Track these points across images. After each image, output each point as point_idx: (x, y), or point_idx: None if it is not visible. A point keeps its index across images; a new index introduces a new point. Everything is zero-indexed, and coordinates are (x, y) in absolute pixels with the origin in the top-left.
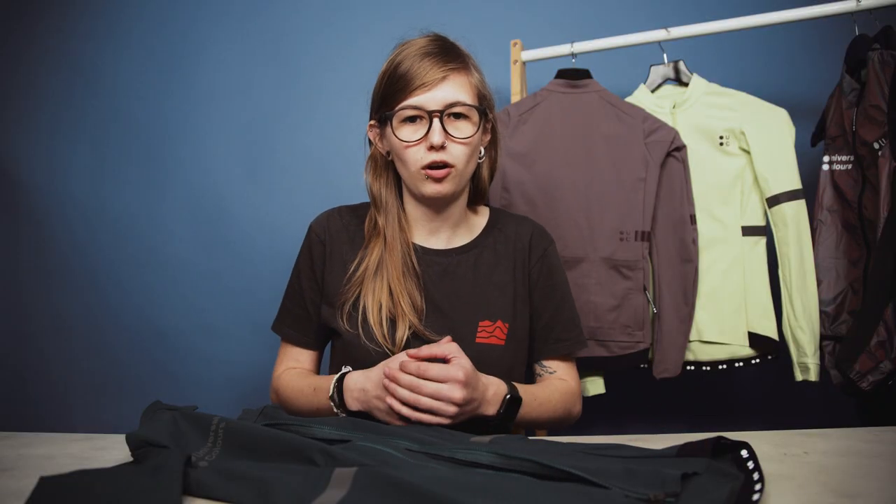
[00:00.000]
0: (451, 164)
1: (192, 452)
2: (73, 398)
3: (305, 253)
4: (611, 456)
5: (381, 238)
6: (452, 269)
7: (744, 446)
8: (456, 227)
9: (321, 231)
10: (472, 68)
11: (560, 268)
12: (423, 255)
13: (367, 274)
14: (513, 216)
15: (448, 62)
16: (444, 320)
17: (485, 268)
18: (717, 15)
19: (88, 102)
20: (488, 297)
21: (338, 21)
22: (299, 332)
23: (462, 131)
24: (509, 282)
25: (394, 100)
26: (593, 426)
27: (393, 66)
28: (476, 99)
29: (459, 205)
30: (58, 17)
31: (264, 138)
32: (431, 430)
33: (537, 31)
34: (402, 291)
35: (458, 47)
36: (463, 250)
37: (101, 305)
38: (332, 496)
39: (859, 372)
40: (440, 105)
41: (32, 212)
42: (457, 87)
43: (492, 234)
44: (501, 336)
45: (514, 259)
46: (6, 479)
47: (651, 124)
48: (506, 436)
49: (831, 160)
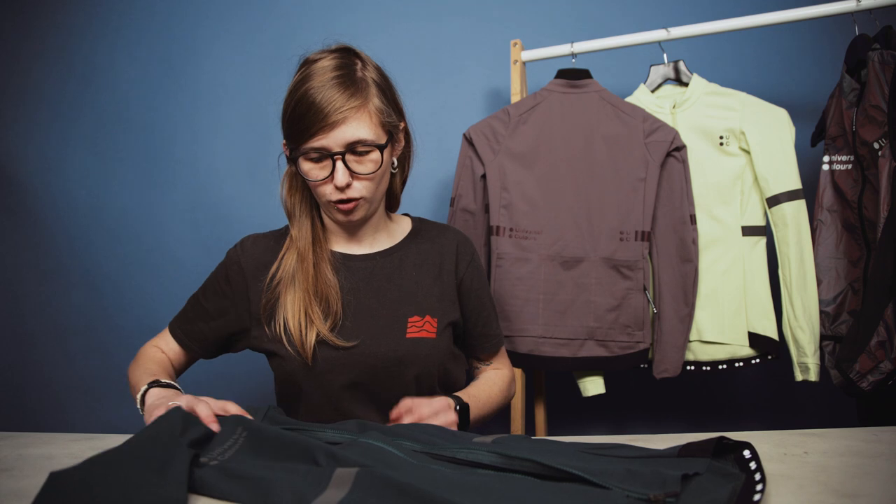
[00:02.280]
0: (357, 198)
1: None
2: (71, 398)
3: (221, 275)
4: (612, 456)
5: (294, 249)
6: (378, 271)
7: (746, 446)
8: (376, 233)
9: (236, 254)
10: (373, 96)
11: (482, 273)
12: (345, 262)
13: (282, 284)
14: (435, 224)
15: (349, 98)
16: (372, 322)
17: (409, 268)
18: (717, 15)
19: (87, 102)
20: (415, 294)
21: (338, 21)
22: (186, 336)
23: (366, 166)
24: (435, 282)
25: (298, 139)
26: (593, 426)
27: (297, 98)
28: (379, 128)
29: (376, 217)
30: (57, 16)
31: (264, 138)
32: (435, 430)
33: (537, 31)
34: (312, 301)
35: (360, 68)
36: (386, 254)
37: (99, 305)
38: (333, 496)
39: (859, 372)
40: (341, 146)
41: (31, 212)
42: (357, 125)
43: (415, 241)
44: (432, 329)
45: (441, 262)
46: (6, 479)
47: (651, 124)
48: (508, 435)
49: (831, 160)
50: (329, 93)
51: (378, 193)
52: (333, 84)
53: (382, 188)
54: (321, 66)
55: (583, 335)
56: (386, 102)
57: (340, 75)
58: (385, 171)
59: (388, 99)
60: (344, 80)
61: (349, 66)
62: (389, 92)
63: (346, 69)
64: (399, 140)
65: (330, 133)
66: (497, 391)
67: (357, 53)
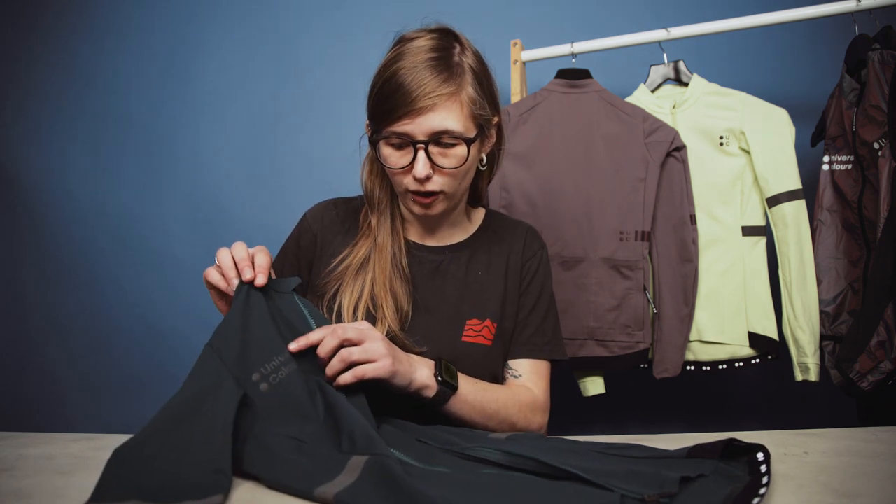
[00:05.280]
0: (437, 192)
1: (259, 366)
2: (71, 398)
3: (294, 239)
4: (621, 456)
5: (371, 238)
6: (444, 267)
7: (760, 449)
8: (453, 228)
9: (314, 221)
10: (467, 84)
11: (548, 274)
12: (416, 252)
13: (348, 271)
14: (509, 219)
15: (442, 83)
16: (430, 318)
17: (476, 266)
18: (717, 15)
19: (87, 102)
20: (478, 295)
21: (338, 20)
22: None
23: (450, 160)
24: (500, 282)
25: (382, 121)
26: (593, 426)
27: (384, 78)
28: (469, 121)
29: (457, 212)
30: (59, 17)
31: (264, 138)
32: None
33: (537, 31)
34: (387, 295)
35: (458, 53)
36: (456, 248)
37: (99, 305)
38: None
39: (859, 372)
40: (426, 135)
41: (31, 212)
42: (446, 114)
43: (486, 235)
44: (489, 336)
45: (508, 260)
46: (6, 479)
47: (651, 124)
48: (523, 434)
49: (831, 160)
50: (420, 75)
51: (460, 190)
52: (426, 66)
53: (465, 184)
54: (416, 45)
55: (583, 335)
56: (481, 93)
57: (435, 58)
58: (470, 168)
59: (483, 89)
60: (438, 64)
61: (446, 48)
62: (486, 82)
63: (442, 52)
64: (490, 136)
65: (416, 119)
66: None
67: (457, 36)
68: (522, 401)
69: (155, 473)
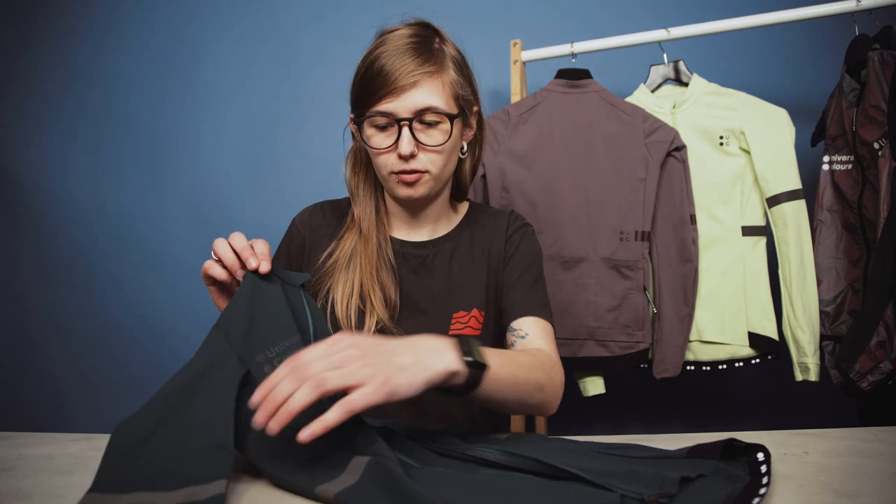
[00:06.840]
0: (422, 171)
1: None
2: (71, 398)
3: (285, 244)
4: (621, 456)
5: (356, 230)
6: (430, 262)
7: (760, 449)
8: (436, 223)
9: (303, 226)
10: (448, 67)
11: (533, 250)
12: (401, 248)
13: (337, 265)
14: (493, 209)
15: (423, 63)
16: (418, 315)
17: (460, 257)
18: (717, 15)
19: (87, 102)
20: (462, 287)
21: (338, 20)
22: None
23: (434, 138)
24: (483, 268)
25: (365, 104)
26: (593, 426)
27: (367, 63)
28: (451, 100)
29: (440, 202)
30: (59, 17)
31: (264, 138)
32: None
33: (537, 31)
34: (374, 285)
35: (438, 42)
36: (439, 242)
37: (99, 305)
38: (343, 481)
39: (859, 372)
40: (410, 112)
41: (31, 212)
42: (428, 92)
43: (468, 226)
44: (477, 325)
45: (490, 245)
46: (6, 479)
47: (651, 124)
48: (525, 434)
49: (831, 160)
50: (402, 58)
51: (445, 172)
52: (407, 49)
53: (450, 168)
54: (397, 34)
55: (583, 335)
56: (462, 78)
57: (416, 42)
58: (454, 148)
59: (464, 76)
60: (419, 47)
61: (427, 37)
62: (466, 70)
63: (423, 38)
64: (471, 122)
65: (399, 96)
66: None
67: (437, 30)
68: (543, 361)
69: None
